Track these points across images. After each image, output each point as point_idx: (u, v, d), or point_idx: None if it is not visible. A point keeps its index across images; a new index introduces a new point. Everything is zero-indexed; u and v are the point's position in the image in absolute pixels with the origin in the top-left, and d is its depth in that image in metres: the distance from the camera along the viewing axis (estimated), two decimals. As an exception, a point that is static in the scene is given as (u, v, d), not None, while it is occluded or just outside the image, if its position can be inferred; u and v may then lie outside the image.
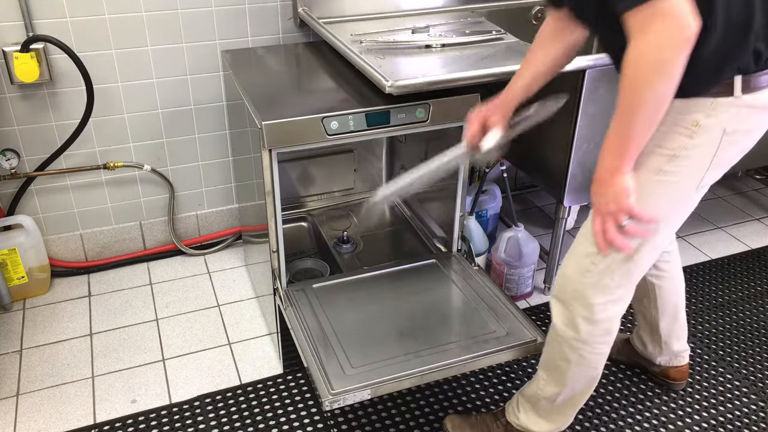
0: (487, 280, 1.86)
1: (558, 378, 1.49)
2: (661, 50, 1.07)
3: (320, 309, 1.73)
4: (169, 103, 2.20)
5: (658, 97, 1.11)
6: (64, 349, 2.00)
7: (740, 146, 1.29)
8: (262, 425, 1.74)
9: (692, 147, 1.24)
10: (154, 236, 2.41)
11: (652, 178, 1.27)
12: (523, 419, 1.58)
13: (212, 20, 2.12)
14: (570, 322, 1.42)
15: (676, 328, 1.77)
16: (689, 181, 1.29)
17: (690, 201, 1.34)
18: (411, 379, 1.52)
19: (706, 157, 1.26)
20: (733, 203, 2.81)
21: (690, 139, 1.23)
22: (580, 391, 1.52)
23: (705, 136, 1.23)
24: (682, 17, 1.04)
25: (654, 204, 1.28)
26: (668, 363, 1.84)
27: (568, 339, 1.43)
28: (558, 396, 1.51)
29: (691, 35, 1.05)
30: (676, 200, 1.32)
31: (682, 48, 1.06)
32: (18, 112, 2.05)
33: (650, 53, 1.08)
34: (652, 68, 1.09)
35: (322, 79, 1.85)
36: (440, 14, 2.21)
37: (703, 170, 1.28)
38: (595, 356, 1.45)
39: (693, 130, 1.23)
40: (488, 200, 2.39)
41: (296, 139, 1.59)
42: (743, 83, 1.20)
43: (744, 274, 2.36)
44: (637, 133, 1.16)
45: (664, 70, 1.08)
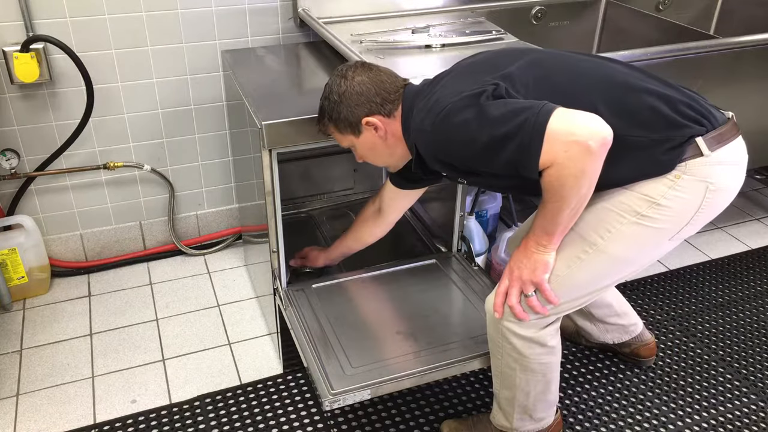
0: (487, 280, 1.86)
1: (508, 383, 1.48)
2: (578, 165, 1.15)
3: (320, 309, 1.73)
4: (169, 103, 2.20)
5: (581, 196, 1.22)
6: (64, 349, 2.00)
7: (719, 206, 1.33)
8: (262, 425, 1.74)
9: (672, 197, 1.27)
10: (154, 236, 2.41)
11: (630, 219, 1.29)
12: (497, 419, 1.58)
13: (212, 20, 2.12)
14: (502, 335, 1.42)
15: (607, 311, 1.81)
16: (665, 230, 1.31)
17: (660, 249, 1.36)
18: (411, 379, 1.52)
19: (688, 210, 1.29)
20: (733, 203, 2.80)
21: (670, 189, 1.26)
22: (535, 394, 1.49)
23: (687, 189, 1.27)
24: (583, 131, 1.13)
25: (624, 244, 1.31)
26: (620, 339, 1.87)
27: (506, 350, 1.43)
28: (514, 398, 1.50)
29: (601, 139, 1.13)
30: (648, 245, 1.33)
31: (597, 152, 1.14)
32: (18, 112, 2.05)
33: (569, 171, 1.16)
34: (573, 180, 1.17)
35: (322, 79, 1.85)
36: (440, 14, 2.21)
37: (682, 222, 1.30)
38: (541, 365, 1.44)
39: (675, 181, 1.26)
40: (488, 200, 2.39)
41: (296, 139, 1.59)
42: (707, 143, 1.25)
43: (744, 274, 2.36)
44: (564, 221, 1.27)
45: (585, 176, 1.17)
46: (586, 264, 1.33)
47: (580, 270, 1.34)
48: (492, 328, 1.45)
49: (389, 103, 1.40)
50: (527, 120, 1.15)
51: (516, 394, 1.48)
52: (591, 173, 1.17)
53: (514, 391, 1.48)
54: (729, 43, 1.96)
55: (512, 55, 1.34)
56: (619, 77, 1.28)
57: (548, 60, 1.34)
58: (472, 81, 1.27)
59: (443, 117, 1.25)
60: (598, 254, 1.32)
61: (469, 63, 1.40)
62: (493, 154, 1.20)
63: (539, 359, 1.43)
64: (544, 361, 1.44)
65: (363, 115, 1.41)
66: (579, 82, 1.28)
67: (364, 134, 1.44)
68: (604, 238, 1.31)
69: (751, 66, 2.03)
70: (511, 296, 1.36)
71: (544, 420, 1.57)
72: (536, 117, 1.14)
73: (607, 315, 1.81)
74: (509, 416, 1.54)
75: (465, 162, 1.29)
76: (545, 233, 1.30)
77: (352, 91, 1.40)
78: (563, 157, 1.14)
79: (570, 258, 1.34)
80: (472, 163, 1.28)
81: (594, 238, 1.31)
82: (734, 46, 1.96)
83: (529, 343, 1.40)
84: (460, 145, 1.25)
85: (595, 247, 1.32)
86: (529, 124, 1.15)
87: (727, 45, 1.96)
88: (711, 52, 1.91)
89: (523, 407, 1.51)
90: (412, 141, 1.39)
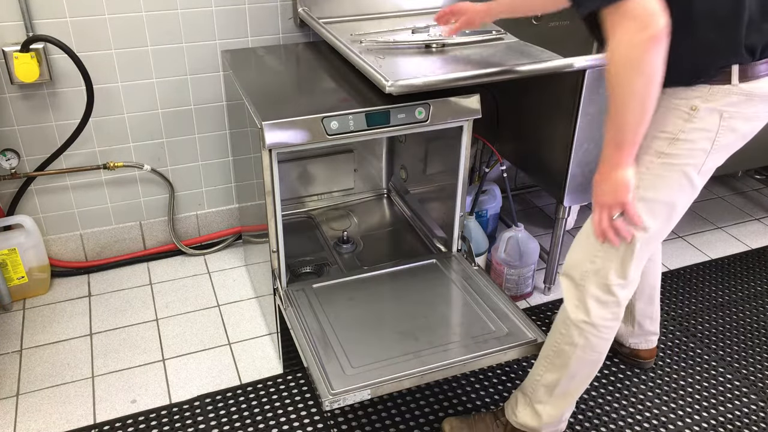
0: (487, 280, 1.86)
1: (560, 363, 1.50)
2: (628, 49, 1.12)
3: (320, 309, 1.73)
4: (169, 103, 2.20)
5: (636, 93, 1.16)
6: (64, 349, 2.00)
7: (740, 132, 1.31)
8: (262, 425, 1.74)
9: (690, 130, 1.27)
10: (154, 236, 2.41)
11: (656, 161, 1.31)
12: (520, 415, 1.58)
13: (212, 20, 2.12)
14: (581, 302, 1.43)
15: (650, 310, 1.83)
16: (691, 164, 1.31)
17: (693, 186, 1.36)
18: (411, 379, 1.52)
19: (706, 140, 1.29)
20: (733, 203, 2.81)
21: (688, 123, 1.27)
22: (579, 380, 1.52)
23: (703, 120, 1.27)
24: (645, 17, 1.10)
25: (660, 185, 1.32)
26: (637, 346, 1.89)
27: (578, 322, 1.44)
28: (558, 383, 1.51)
29: (655, 33, 1.10)
30: (681, 183, 1.34)
31: (648, 46, 1.11)
32: (18, 112, 2.05)
33: (619, 53, 1.14)
34: (624, 67, 1.14)
35: (322, 79, 1.85)
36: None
37: (703, 154, 1.30)
38: (601, 341, 1.46)
39: (691, 114, 1.26)
40: (488, 200, 2.39)
41: (296, 139, 1.59)
42: (740, 72, 1.23)
43: (744, 274, 2.36)
44: (628, 126, 1.21)
45: (636, 67, 1.13)
46: None
47: None
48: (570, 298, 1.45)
49: None
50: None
51: (562, 378, 1.50)
52: (644, 67, 1.13)
53: (562, 374, 1.50)
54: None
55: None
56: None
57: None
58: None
59: None
60: (640, 202, 1.32)
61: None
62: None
63: (606, 334, 1.44)
64: (608, 336, 1.45)
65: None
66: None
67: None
68: (639, 186, 1.31)
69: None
70: (602, 221, 1.34)
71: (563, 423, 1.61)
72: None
73: (646, 315, 1.83)
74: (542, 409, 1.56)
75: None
76: (615, 146, 1.25)
77: None
78: (620, 33, 1.11)
79: None
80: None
81: None
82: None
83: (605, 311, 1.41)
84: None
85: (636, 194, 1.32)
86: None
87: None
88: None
89: (564, 393, 1.53)
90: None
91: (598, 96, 1.79)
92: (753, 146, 1.44)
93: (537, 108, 2.00)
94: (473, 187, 2.35)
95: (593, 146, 1.88)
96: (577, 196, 1.97)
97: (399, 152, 2.34)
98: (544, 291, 2.27)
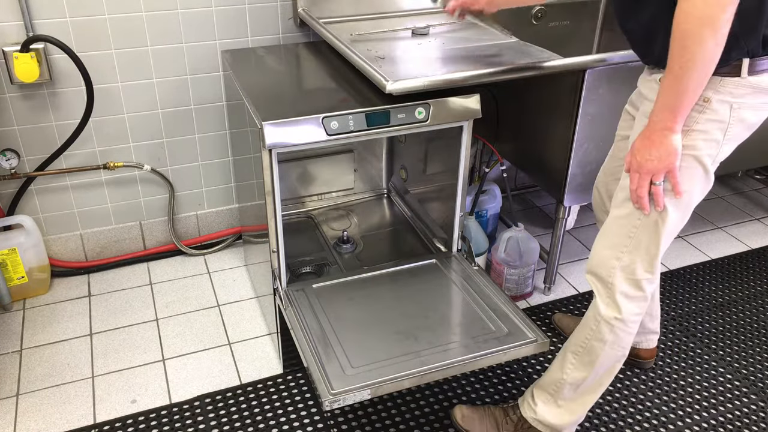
0: (487, 280, 1.86)
1: (589, 360, 1.51)
2: (707, 6, 1.13)
3: (320, 309, 1.73)
4: (169, 103, 2.20)
5: (707, 53, 1.17)
6: (64, 349, 2.00)
7: (748, 122, 1.34)
8: (262, 425, 1.74)
9: (704, 121, 1.30)
10: (154, 236, 2.41)
11: None
12: (541, 411, 1.59)
13: (212, 20, 2.12)
14: (611, 300, 1.45)
15: (650, 307, 1.83)
16: (706, 154, 1.33)
17: (708, 175, 1.37)
18: (411, 379, 1.52)
19: (719, 131, 1.32)
20: (733, 203, 2.81)
21: (702, 114, 1.30)
22: (603, 376, 1.54)
23: (716, 111, 1.30)
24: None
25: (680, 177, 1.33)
26: (638, 345, 1.89)
27: (609, 319, 1.46)
28: (585, 380, 1.53)
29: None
30: (698, 172, 1.35)
31: (727, 4, 1.12)
32: (18, 112, 2.05)
33: (698, 10, 1.14)
34: (700, 24, 1.14)
35: (322, 79, 1.85)
36: (440, 14, 2.21)
37: (717, 144, 1.33)
38: (628, 336, 1.48)
39: (704, 105, 1.29)
40: (488, 200, 2.39)
41: (296, 139, 1.59)
42: (750, 65, 1.26)
43: (744, 274, 2.36)
44: (689, 89, 1.22)
45: (712, 24, 1.14)
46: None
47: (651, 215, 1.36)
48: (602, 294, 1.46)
49: None
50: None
51: (589, 374, 1.51)
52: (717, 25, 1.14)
53: (590, 370, 1.51)
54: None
55: None
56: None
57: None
58: None
59: None
60: None
61: None
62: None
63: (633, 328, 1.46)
64: (633, 330, 1.47)
65: None
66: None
67: None
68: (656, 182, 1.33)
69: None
70: (643, 187, 1.35)
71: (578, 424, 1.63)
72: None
73: (647, 313, 1.83)
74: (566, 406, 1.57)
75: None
76: (669, 111, 1.26)
77: None
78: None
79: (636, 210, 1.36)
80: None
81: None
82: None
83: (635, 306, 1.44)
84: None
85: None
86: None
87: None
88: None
89: (590, 390, 1.55)
90: None
91: (598, 96, 1.79)
92: (753, 146, 1.45)
93: (537, 108, 2.00)
94: (473, 187, 2.35)
95: (593, 146, 1.87)
96: (577, 196, 1.97)
97: (399, 152, 2.34)
98: (544, 291, 2.27)
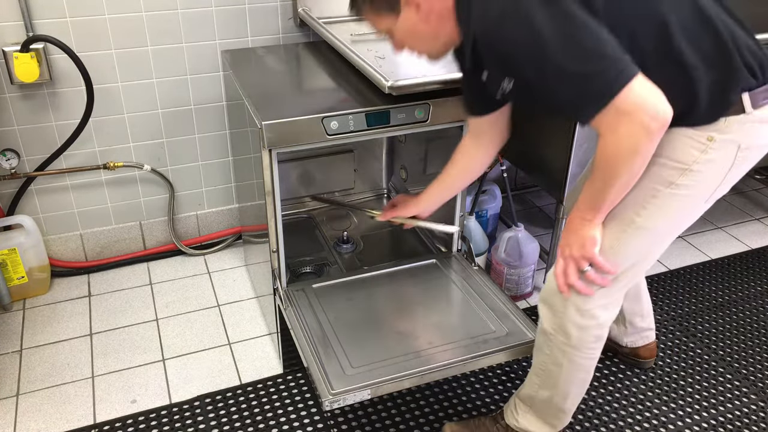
0: (487, 280, 1.86)
1: (551, 382, 1.48)
2: (634, 142, 1.13)
3: (320, 309, 1.73)
4: (169, 103, 2.20)
5: (633, 172, 1.19)
6: (64, 349, 2.00)
7: (751, 162, 1.29)
8: (262, 425, 1.74)
9: (705, 161, 1.24)
10: (154, 236, 2.41)
11: (664, 190, 1.27)
12: (522, 422, 1.58)
13: (212, 20, 2.12)
14: (560, 327, 1.41)
15: (639, 308, 1.81)
16: (700, 195, 1.29)
17: (697, 213, 1.34)
18: (411, 379, 1.52)
19: (720, 172, 1.26)
20: (733, 203, 2.81)
21: (703, 154, 1.23)
22: (575, 393, 1.51)
23: (719, 152, 1.23)
24: (649, 110, 1.10)
25: (663, 215, 1.29)
26: (634, 344, 1.88)
27: (559, 344, 1.43)
28: (552, 399, 1.51)
29: (662, 123, 1.11)
30: (685, 213, 1.32)
31: (655, 135, 1.12)
32: (18, 112, 2.05)
33: (624, 146, 1.14)
34: (627, 155, 1.15)
35: (322, 79, 1.85)
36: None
37: (715, 185, 1.28)
38: (588, 361, 1.45)
39: (707, 144, 1.22)
40: (488, 200, 2.39)
41: (296, 139, 1.59)
42: (752, 99, 1.21)
43: (744, 274, 2.36)
44: (612, 197, 1.24)
45: (639, 153, 1.15)
46: (627, 242, 1.31)
47: (623, 248, 1.32)
48: (548, 320, 1.43)
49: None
50: (607, 72, 1.09)
51: (554, 395, 1.49)
52: (645, 152, 1.14)
53: (554, 392, 1.49)
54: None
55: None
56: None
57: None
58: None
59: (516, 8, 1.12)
60: (638, 231, 1.30)
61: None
62: (554, 80, 1.14)
63: (590, 353, 1.43)
64: (593, 355, 1.44)
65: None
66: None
67: (404, 14, 1.29)
68: (641, 215, 1.29)
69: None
70: (569, 275, 1.34)
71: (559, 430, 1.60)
72: (618, 74, 1.09)
73: (635, 313, 1.82)
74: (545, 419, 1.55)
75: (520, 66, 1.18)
76: (591, 208, 1.27)
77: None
78: (623, 128, 1.11)
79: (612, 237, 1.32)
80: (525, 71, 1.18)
81: (631, 217, 1.30)
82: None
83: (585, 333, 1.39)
84: (526, 49, 1.14)
85: (633, 225, 1.30)
86: (608, 76, 1.09)
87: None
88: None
89: (558, 409, 1.52)
90: (472, 26, 1.22)
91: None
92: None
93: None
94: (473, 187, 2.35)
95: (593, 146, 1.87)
96: (577, 196, 1.97)
97: (399, 152, 2.34)
98: (544, 291, 2.26)
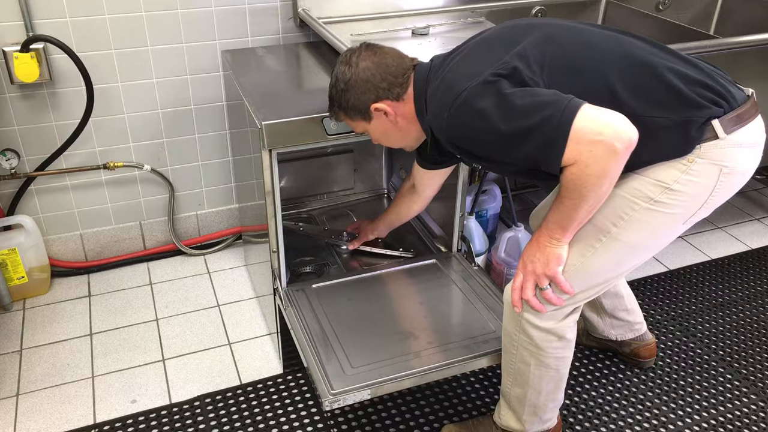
0: (487, 280, 1.86)
1: (522, 380, 1.48)
2: (602, 167, 1.14)
3: (320, 309, 1.73)
4: (169, 103, 2.20)
5: (600, 194, 1.20)
6: (64, 349, 2.00)
7: (733, 188, 1.30)
8: (262, 425, 1.74)
9: (686, 182, 1.25)
10: (154, 236, 2.41)
11: (642, 205, 1.27)
12: (505, 419, 1.58)
13: (212, 20, 2.12)
14: (520, 327, 1.41)
15: (621, 303, 1.80)
16: (678, 215, 1.30)
17: (674, 233, 1.35)
18: (411, 379, 1.52)
19: (701, 194, 1.27)
20: (733, 203, 2.81)
21: (684, 174, 1.24)
22: (549, 389, 1.50)
23: (701, 174, 1.25)
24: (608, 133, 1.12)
25: (640, 230, 1.30)
26: (624, 336, 1.87)
27: (524, 344, 1.43)
28: (526, 397, 1.50)
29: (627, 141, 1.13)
30: (662, 230, 1.32)
31: (622, 154, 1.14)
32: (18, 112, 2.05)
33: (592, 171, 1.15)
34: (595, 179, 1.16)
35: (322, 79, 1.85)
36: (440, 14, 2.21)
37: (695, 207, 1.29)
38: (555, 360, 1.44)
39: (688, 165, 1.24)
40: (488, 200, 2.39)
41: (296, 139, 1.59)
42: (722, 125, 1.22)
43: (744, 274, 2.36)
44: (580, 217, 1.26)
45: (607, 176, 1.16)
46: (600, 252, 1.31)
47: (595, 259, 1.32)
48: (509, 322, 1.44)
49: (397, 87, 1.38)
50: (552, 116, 1.13)
51: (528, 392, 1.48)
52: (613, 173, 1.16)
53: (526, 389, 1.48)
54: (729, 43, 1.96)
55: (524, 30, 1.29)
56: (636, 53, 1.24)
57: (562, 34, 1.29)
58: (486, 61, 1.24)
59: (461, 103, 1.22)
60: (612, 242, 1.30)
61: (481, 39, 1.34)
62: (513, 146, 1.18)
63: (555, 353, 1.42)
64: (560, 355, 1.43)
65: (371, 102, 1.39)
66: (594, 58, 1.24)
67: (375, 120, 1.43)
68: (618, 226, 1.29)
69: (750, 66, 2.03)
70: (526, 290, 1.35)
71: (550, 421, 1.58)
72: (562, 114, 1.12)
73: (617, 308, 1.81)
74: (519, 416, 1.54)
75: (482, 149, 1.27)
76: (559, 227, 1.28)
77: (358, 79, 1.37)
78: (587, 156, 1.12)
79: (584, 247, 1.32)
80: (488, 151, 1.27)
81: (607, 226, 1.30)
82: (734, 46, 1.96)
83: (546, 334, 1.39)
84: (478, 133, 1.23)
85: (608, 235, 1.30)
86: (554, 120, 1.12)
87: (727, 45, 1.96)
88: (711, 52, 1.91)
89: (534, 406, 1.51)
90: (428, 124, 1.37)
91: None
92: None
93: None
94: (473, 187, 2.34)
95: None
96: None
97: (399, 152, 2.34)
98: (544, 291, 2.26)
